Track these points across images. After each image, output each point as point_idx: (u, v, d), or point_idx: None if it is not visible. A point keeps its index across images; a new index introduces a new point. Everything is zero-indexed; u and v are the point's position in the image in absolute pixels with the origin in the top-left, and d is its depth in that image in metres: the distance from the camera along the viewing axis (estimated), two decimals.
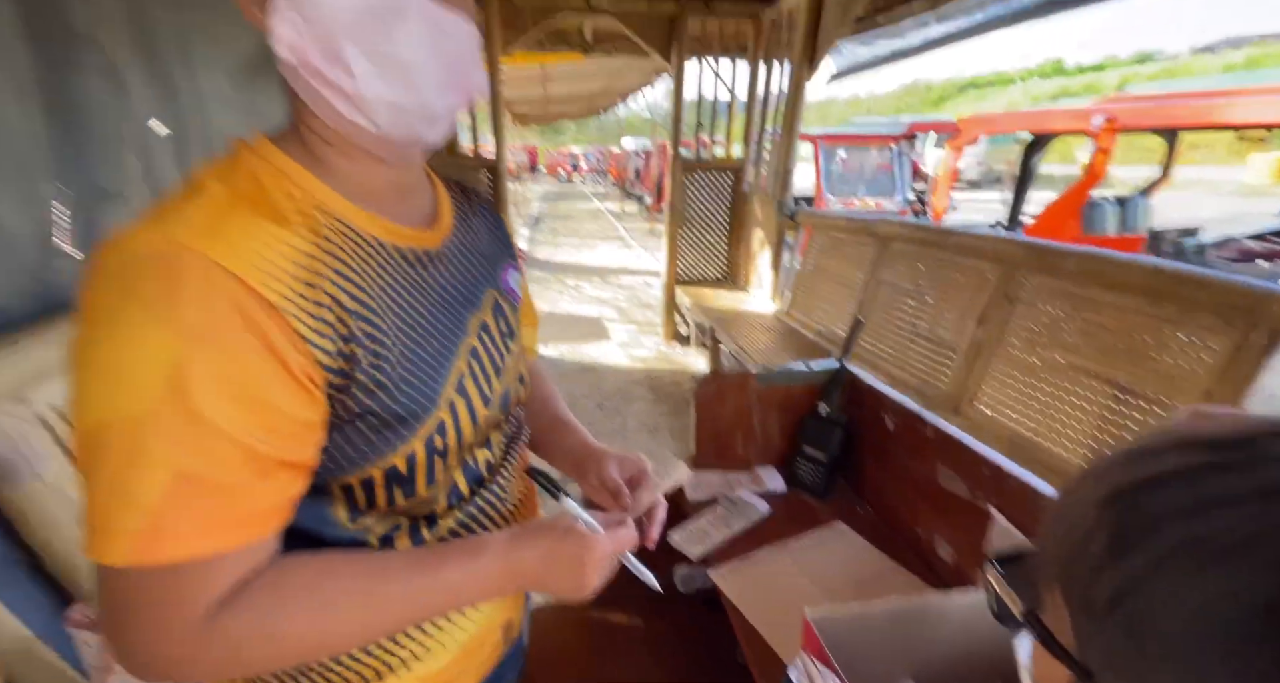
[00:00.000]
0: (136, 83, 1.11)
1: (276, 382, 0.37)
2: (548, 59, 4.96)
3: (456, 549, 0.44)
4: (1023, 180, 4.29)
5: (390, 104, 0.40)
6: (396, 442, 0.44)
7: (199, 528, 0.35)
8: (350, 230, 0.42)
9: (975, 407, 1.70)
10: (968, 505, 0.67)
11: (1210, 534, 0.19)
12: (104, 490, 0.34)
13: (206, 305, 0.35)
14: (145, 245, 0.35)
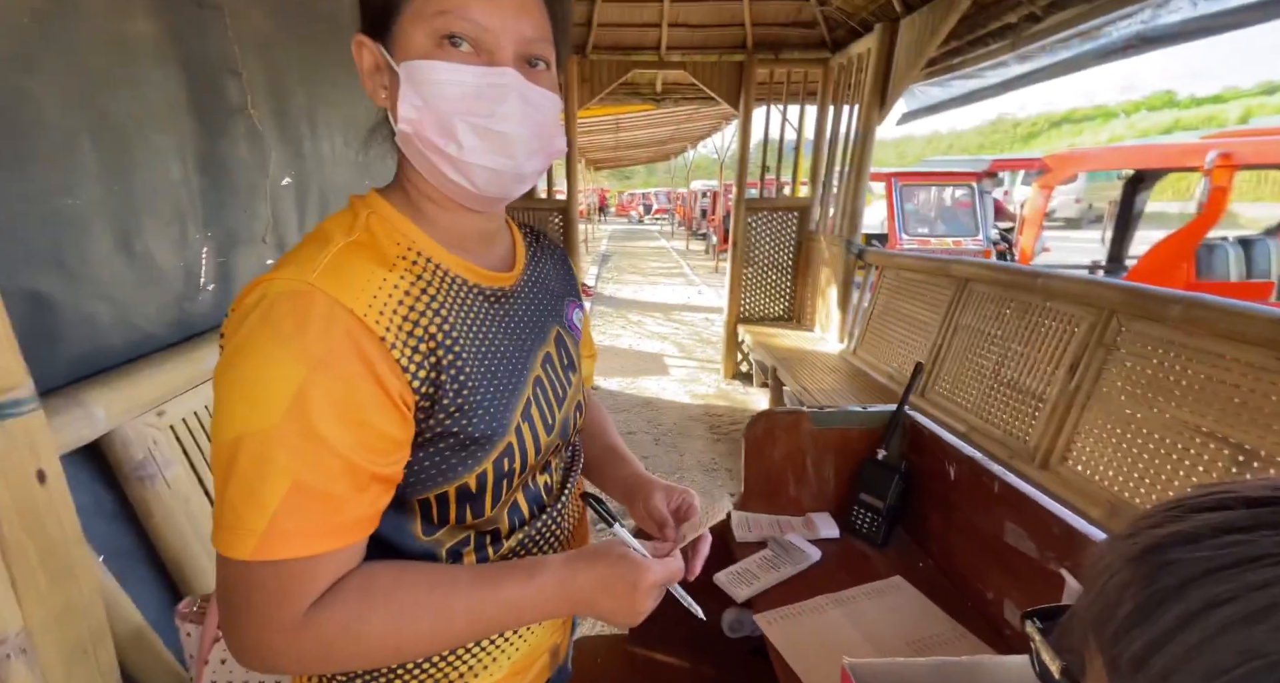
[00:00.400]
0: (273, 145, 1.31)
1: (378, 405, 0.43)
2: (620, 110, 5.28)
3: (517, 568, 0.47)
4: (1123, 219, 3.95)
5: (489, 170, 0.47)
6: (471, 462, 0.48)
7: (308, 531, 0.40)
8: (442, 271, 0.49)
9: (1067, 464, 1.55)
10: (1038, 567, 0.62)
11: (1237, 594, 0.19)
12: (236, 494, 0.39)
13: (327, 336, 0.41)
14: (283, 285, 0.42)
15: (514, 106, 0.47)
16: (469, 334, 0.49)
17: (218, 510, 0.41)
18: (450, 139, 0.46)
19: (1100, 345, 1.54)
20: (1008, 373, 1.81)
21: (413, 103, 0.45)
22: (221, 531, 0.40)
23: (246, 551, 0.39)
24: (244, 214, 1.23)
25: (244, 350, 0.40)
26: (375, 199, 0.49)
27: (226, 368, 0.41)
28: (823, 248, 3.35)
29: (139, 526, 0.85)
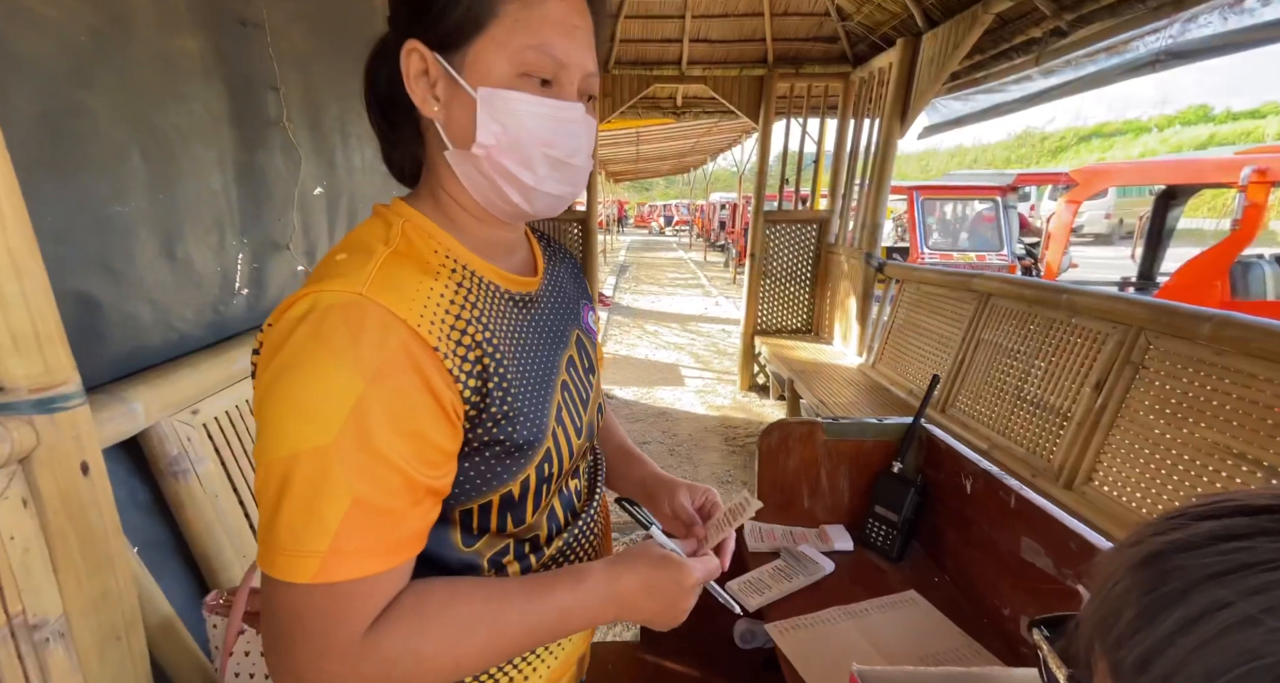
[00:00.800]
0: (305, 156, 1.37)
1: (432, 417, 0.42)
2: (641, 123, 5.35)
3: (562, 576, 0.48)
4: (1154, 236, 3.86)
5: (554, 196, 0.50)
6: (515, 469, 0.48)
7: (369, 550, 0.39)
8: (478, 278, 0.49)
9: (1093, 484, 1.51)
10: (1055, 583, 0.60)
11: (1236, 599, 0.19)
12: (293, 515, 0.38)
13: (383, 348, 0.40)
14: (333, 297, 0.41)
15: (584, 141, 0.50)
16: (508, 340, 0.49)
17: (268, 534, 0.39)
18: (526, 169, 0.48)
19: (1128, 363, 1.50)
20: (1031, 390, 1.78)
21: (492, 130, 0.46)
22: (276, 554, 0.38)
23: (308, 573, 0.38)
24: (278, 223, 1.28)
25: (296, 365, 0.39)
26: (405, 208, 0.50)
27: (275, 383, 0.40)
28: (842, 260, 3.33)
29: (171, 519, 0.88)
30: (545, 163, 0.48)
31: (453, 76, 0.46)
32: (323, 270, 0.44)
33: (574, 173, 0.50)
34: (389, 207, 0.51)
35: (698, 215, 18.13)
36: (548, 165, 0.48)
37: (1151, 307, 1.47)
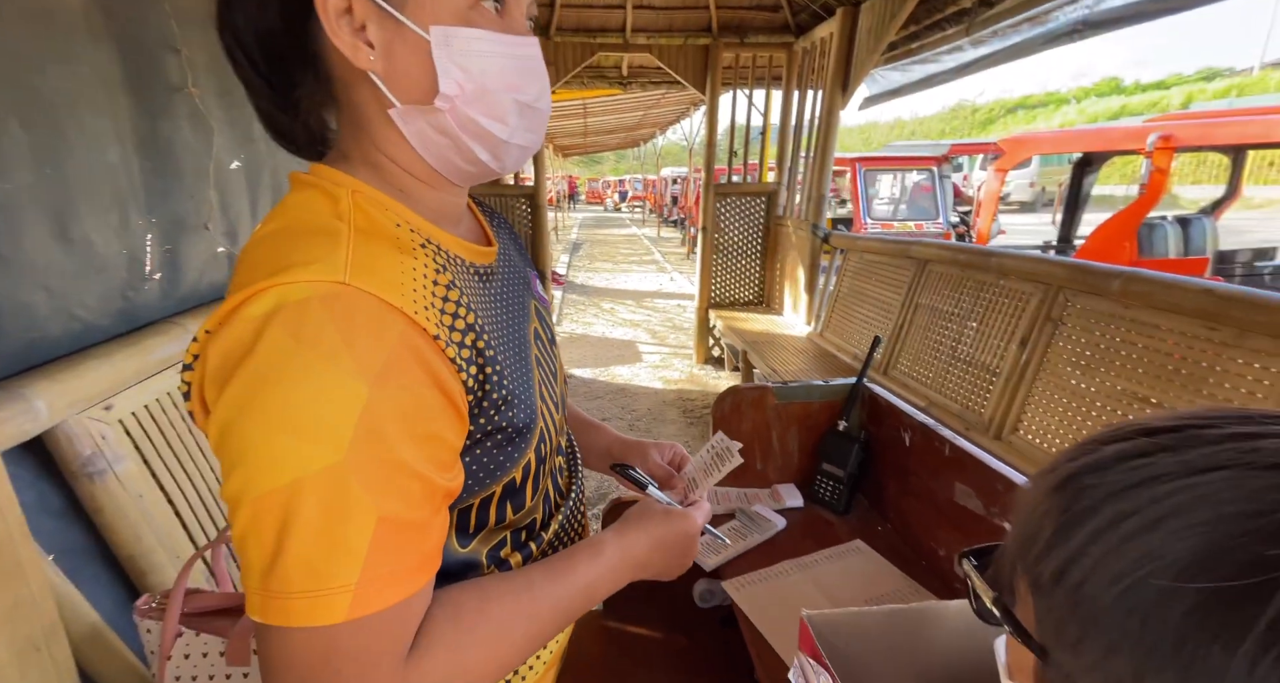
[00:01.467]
0: (219, 127, 1.26)
1: (443, 414, 0.38)
2: (587, 94, 5.20)
3: (579, 552, 0.47)
4: (1073, 201, 4.13)
5: (522, 148, 0.44)
6: (517, 455, 0.45)
7: (403, 570, 0.35)
8: (445, 252, 0.43)
9: (1019, 434, 1.63)
10: (984, 523, 0.66)
11: (1139, 508, 0.21)
12: (308, 549, 0.32)
13: (383, 343, 0.34)
14: (307, 288, 0.34)
15: (546, 80, 0.44)
16: (489, 317, 0.45)
17: (271, 579, 0.32)
18: (497, 120, 0.41)
19: (1049, 320, 1.62)
20: (964, 349, 1.89)
21: (455, 77, 0.38)
22: (290, 599, 0.32)
23: (340, 612, 0.32)
24: (191, 200, 1.18)
25: (278, 376, 0.32)
26: (344, 177, 0.42)
27: (252, 402, 0.33)
28: (790, 232, 3.40)
29: (90, 523, 0.82)
30: (515, 111, 0.42)
31: (391, 15, 0.37)
32: (272, 259, 0.35)
33: (540, 119, 0.45)
34: (317, 176, 0.42)
35: (649, 191, 17.99)
36: (518, 113, 0.42)
37: (1069, 266, 1.58)
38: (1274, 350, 1.10)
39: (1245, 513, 0.18)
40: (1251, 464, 0.20)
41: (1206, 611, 0.18)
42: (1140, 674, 0.19)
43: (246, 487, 0.33)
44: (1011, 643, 0.30)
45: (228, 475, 0.34)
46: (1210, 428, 0.22)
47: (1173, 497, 0.20)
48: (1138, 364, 1.34)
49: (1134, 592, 0.20)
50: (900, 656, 0.48)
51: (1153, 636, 0.19)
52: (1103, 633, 0.20)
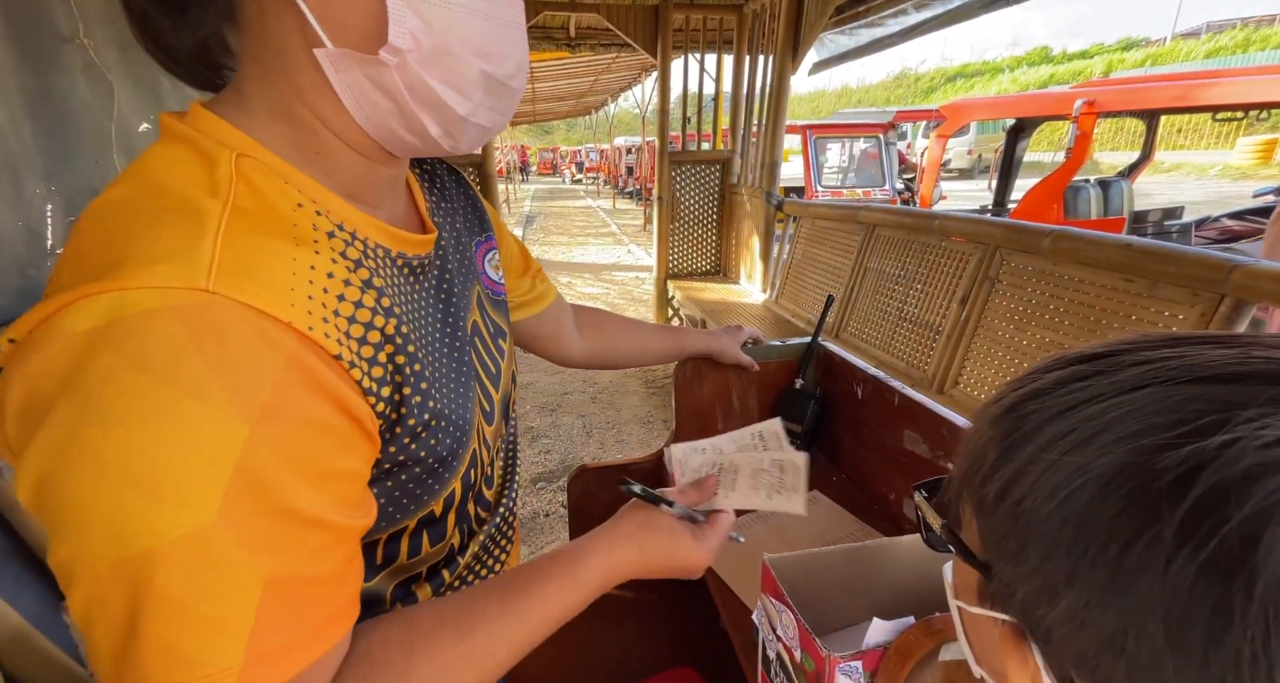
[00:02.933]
0: (120, 82, 1.13)
1: (349, 442, 0.31)
2: (533, 57, 4.97)
3: (553, 579, 0.39)
4: (1007, 166, 4.33)
5: (483, 128, 0.36)
6: (438, 487, 0.39)
7: (298, 639, 0.28)
8: (360, 241, 0.35)
9: (959, 388, 1.74)
10: (930, 465, 0.70)
11: (1075, 427, 0.22)
12: (170, 633, 0.25)
13: (265, 369, 0.27)
14: (149, 299, 0.25)
15: (525, 56, 0.36)
16: (415, 321, 0.37)
17: (126, 669, 0.26)
18: (457, 90, 0.33)
19: (986, 279, 1.70)
20: (910, 310, 1.98)
21: (409, 26, 0.30)
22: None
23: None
24: (95, 166, 1.06)
25: (113, 418, 0.25)
26: (230, 131, 0.32)
27: (80, 451, 0.25)
28: (744, 200, 3.41)
29: (6, 523, 0.75)
30: (482, 84, 0.34)
31: None
32: (107, 247, 0.27)
33: (511, 99, 0.37)
34: (194, 124, 0.32)
35: (602, 161, 17.58)
36: (484, 88, 0.34)
37: (1004, 226, 1.66)
38: (1181, 299, 1.20)
39: (1167, 423, 0.20)
40: (1173, 380, 0.21)
41: (1131, 513, 0.19)
42: (1073, 575, 0.21)
43: (79, 559, 0.25)
44: (958, 565, 0.31)
45: (53, 540, 0.26)
46: (1140, 351, 0.23)
47: (1105, 414, 0.22)
48: (1065, 317, 1.44)
49: (1068, 502, 0.21)
50: (856, 591, 0.51)
51: (1085, 540, 0.20)
52: (1041, 540, 0.22)
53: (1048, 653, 0.22)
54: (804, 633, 0.42)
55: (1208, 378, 0.20)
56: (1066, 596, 0.21)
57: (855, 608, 0.51)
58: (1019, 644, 0.24)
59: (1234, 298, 1.12)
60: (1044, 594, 0.22)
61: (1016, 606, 0.24)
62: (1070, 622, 0.21)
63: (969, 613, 0.29)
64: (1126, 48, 32.27)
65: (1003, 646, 0.25)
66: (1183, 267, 1.19)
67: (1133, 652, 0.19)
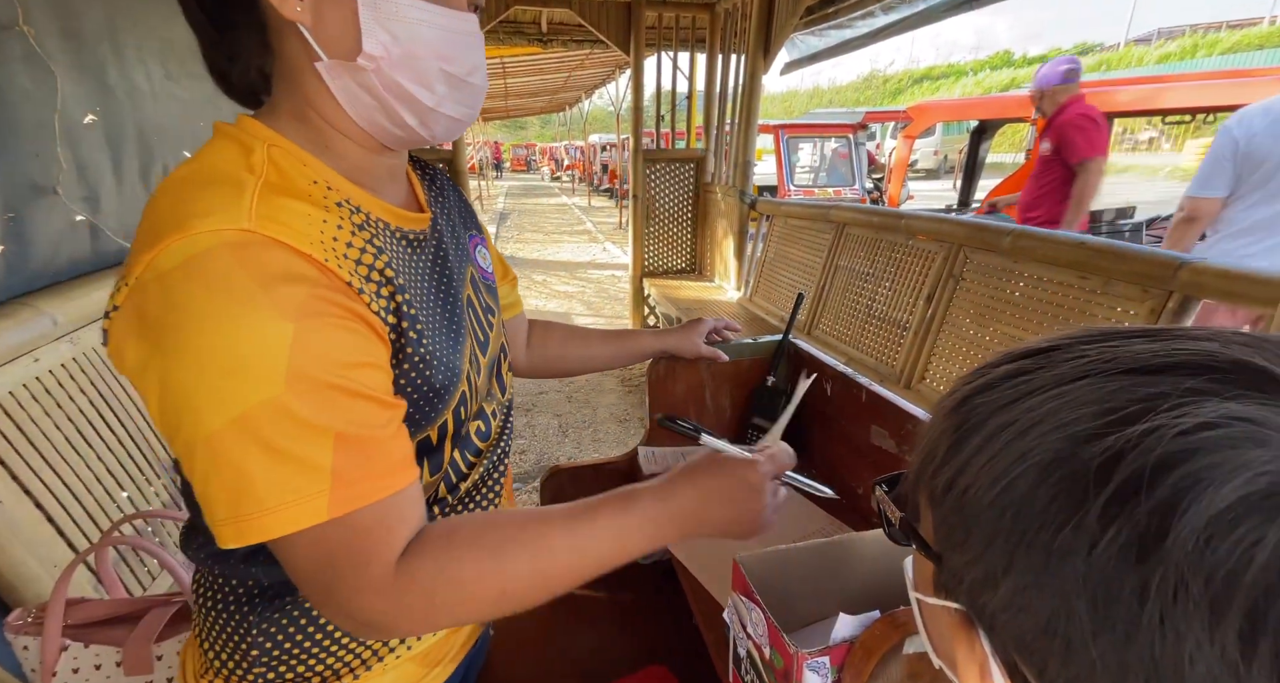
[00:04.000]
0: (64, 73, 1.06)
1: (373, 346, 0.39)
2: (505, 52, 4.90)
3: (609, 500, 0.44)
4: (970, 166, 4.46)
5: (453, 119, 0.45)
6: (433, 414, 0.46)
7: (373, 475, 0.37)
8: (364, 213, 0.44)
9: (925, 382, 1.78)
10: (896, 459, 0.71)
11: (1017, 418, 0.23)
12: (274, 471, 0.34)
13: (298, 285, 0.36)
14: (213, 237, 0.35)
15: (480, 57, 0.45)
16: (413, 282, 0.45)
17: (244, 502, 0.35)
18: (423, 86, 0.42)
19: (951, 276, 1.75)
20: (879, 307, 2.02)
21: (380, 39, 0.40)
22: (268, 515, 0.35)
23: (320, 513, 0.35)
24: (35, 160, 1.00)
25: (198, 327, 0.34)
26: (263, 129, 0.42)
27: (178, 354, 0.34)
28: (719, 199, 3.43)
29: None
30: (444, 81, 0.43)
31: None
32: (176, 210, 0.36)
33: (474, 93, 0.46)
34: (239, 127, 0.43)
35: (578, 158, 17.44)
36: (447, 84, 0.44)
37: (968, 225, 1.71)
38: (1133, 295, 1.25)
39: (1096, 413, 0.21)
40: (1105, 372, 0.22)
41: (1061, 500, 0.20)
42: (1011, 560, 0.21)
43: (196, 430, 0.34)
44: (917, 558, 0.32)
45: (176, 429, 0.35)
46: (1079, 345, 0.24)
47: (1044, 405, 0.22)
48: (1025, 312, 1.49)
49: (1007, 491, 0.22)
50: (826, 586, 0.52)
51: (1021, 525, 0.21)
52: (983, 528, 0.23)
53: (993, 639, 0.23)
54: (773, 630, 0.43)
55: (1135, 369, 0.21)
56: (1005, 581, 0.21)
57: (825, 603, 0.52)
58: (968, 632, 0.24)
59: (1181, 294, 1.18)
60: (986, 581, 0.22)
61: (964, 594, 0.24)
62: (1010, 607, 0.22)
63: (926, 604, 0.30)
64: (1083, 52, 33.61)
65: (952, 633, 0.26)
66: (1133, 264, 1.24)
67: (1065, 633, 0.19)
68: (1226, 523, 0.17)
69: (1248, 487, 0.17)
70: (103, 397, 1.01)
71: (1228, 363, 0.20)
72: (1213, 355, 0.21)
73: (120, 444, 1.02)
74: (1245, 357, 0.20)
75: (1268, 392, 0.19)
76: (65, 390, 0.93)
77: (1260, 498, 0.17)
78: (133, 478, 1.02)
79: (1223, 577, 0.17)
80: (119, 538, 0.67)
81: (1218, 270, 1.09)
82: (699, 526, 0.45)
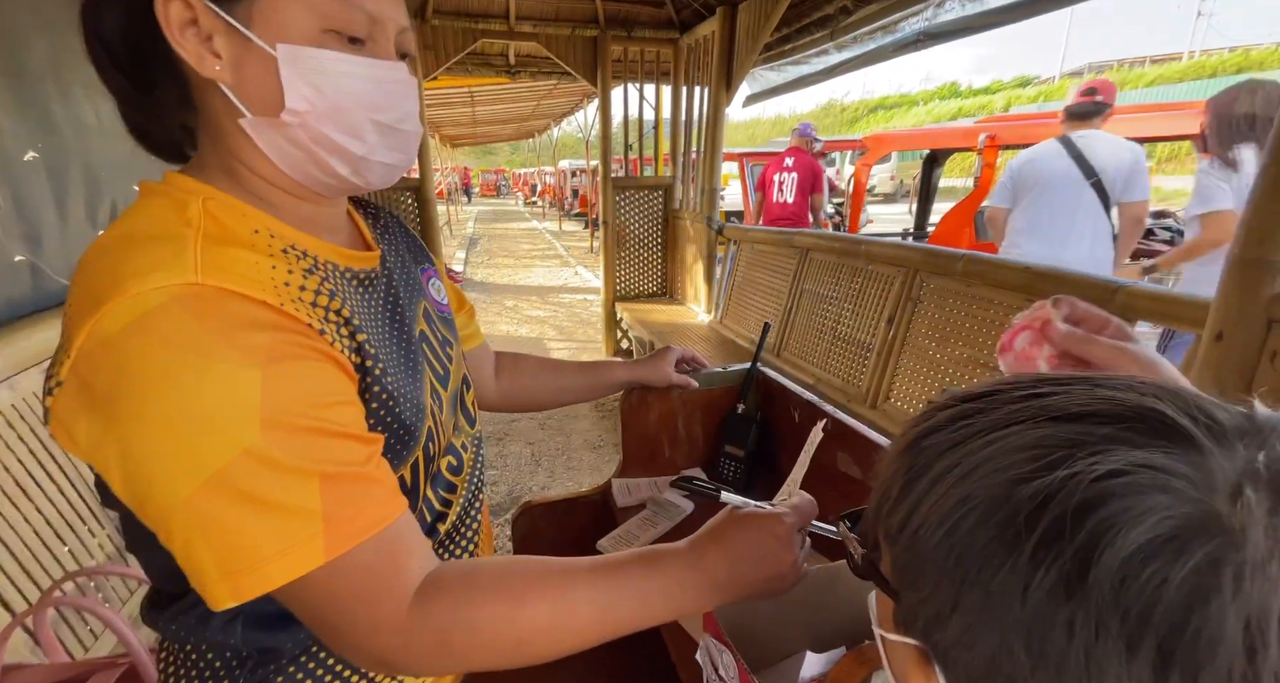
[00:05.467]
0: (6, 111, 1.03)
1: (342, 383, 0.39)
2: (473, 82, 4.96)
3: (632, 558, 0.43)
4: (924, 193, 4.68)
5: (388, 166, 0.45)
6: (405, 453, 0.45)
7: (363, 511, 0.36)
8: (312, 256, 0.43)
9: (890, 402, 1.83)
10: (862, 487, 0.73)
11: (960, 462, 0.24)
12: (262, 522, 0.33)
13: (258, 330, 0.35)
14: (155, 297, 0.33)
15: (412, 105, 0.45)
16: (369, 322, 0.45)
17: (237, 556, 0.34)
18: (353, 137, 0.42)
19: (909, 299, 1.82)
20: (843, 329, 2.08)
21: (303, 94, 0.39)
22: (270, 564, 0.34)
23: (316, 557, 0.34)
24: None
25: (161, 386, 0.33)
26: (195, 184, 0.41)
27: (146, 416, 0.33)
28: (687, 225, 3.51)
29: None
30: (374, 130, 0.43)
31: (237, 30, 0.38)
32: (114, 271, 0.35)
33: (406, 139, 0.46)
34: (168, 183, 0.42)
35: (549, 183, 17.56)
36: (377, 132, 0.43)
37: (923, 251, 1.79)
38: None
39: (1025, 459, 0.22)
40: (1036, 418, 0.24)
41: (998, 542, 0.22)
42: (956, 599, 0.23)
43: (172, 496, 0.33)
44: (879, 594, 0.33)
45: (146, 499, 0.34)
46: (1015, 391, 0.26)
47: (982, 450, 0.24)
48: (980, 334, 1.56)
49: (952, 532, 0.23)
50: (795, 620, 0.52)
51: (964, 566, 0.22)
52: (931, 569, 0.24)
53: (948, 675, 0.24)
54: (743, 673, 0.43)
55: (1060, 417, 0.23)
56: (953, 619, 0.23)
57: (795, 638, 0.52)
58: (925, 667, 0.26)
59: (1119, 316, 1.25)
60: (937, 619, 0.24)
61: (919, 630, 0.25)
62: (959, 645, 0.23)
63: (888, 640, 0.31)
64: (1022, 85, 36.02)
65: (912, 669, 0.27)
66: (1075, 288, 1.32)
67: (1007, 671, 0.21)
68: (1138, 564, 0.19)
69: (1154, 530, 0.19)
70: (43, 443, 0.96)
71: (1138, 411, 0.22)
72: (1124, 404, 0.23)
73: (61, 493, 0.96)
74: (1154, 406, 0.22)
75: (1172, 440, 0.21)
76: (3, 439, 0.88)
77: (1164, 541, 0.19)
78: (74, 529, 0.96)
79: (1135, 615, 0.18)
80: (60, 598, 0.63)
81: (1151, 294, 1.17)
82: (736, 588, 0.42)
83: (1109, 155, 2.04)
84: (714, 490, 0.48)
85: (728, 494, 0.48)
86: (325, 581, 0.35)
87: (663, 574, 0.42)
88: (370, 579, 0.36)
